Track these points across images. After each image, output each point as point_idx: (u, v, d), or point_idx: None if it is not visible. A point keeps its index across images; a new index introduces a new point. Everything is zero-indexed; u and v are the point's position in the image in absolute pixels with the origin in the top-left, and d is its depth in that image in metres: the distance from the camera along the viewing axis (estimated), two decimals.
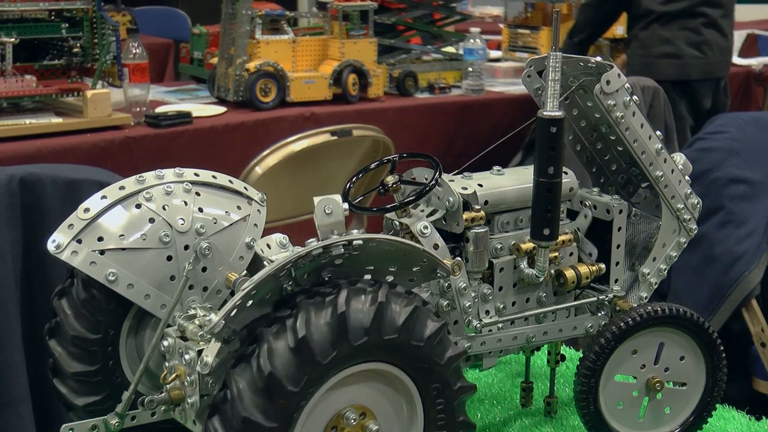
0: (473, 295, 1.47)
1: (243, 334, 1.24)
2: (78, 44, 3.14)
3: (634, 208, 1.64)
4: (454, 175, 1.52)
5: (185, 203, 1.45)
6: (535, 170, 1.40)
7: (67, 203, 2.10)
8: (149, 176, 1.46)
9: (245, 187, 1.54)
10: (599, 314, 1.60)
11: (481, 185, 1.49)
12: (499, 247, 1.50)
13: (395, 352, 1.22)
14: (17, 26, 3.06)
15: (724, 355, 1.56)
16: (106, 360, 1.42)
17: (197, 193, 1.47)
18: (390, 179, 1.44)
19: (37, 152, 2.91)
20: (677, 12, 4.15)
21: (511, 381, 1.84)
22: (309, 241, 1.26)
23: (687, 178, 1.61)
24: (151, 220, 1.42)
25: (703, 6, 4.17)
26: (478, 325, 1.48)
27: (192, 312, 1.39)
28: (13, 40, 3.00)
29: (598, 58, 1.51)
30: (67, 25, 3.13)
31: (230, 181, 1.53)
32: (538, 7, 4.96)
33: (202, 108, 3.59)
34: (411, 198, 1.43)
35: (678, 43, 4.14)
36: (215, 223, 1.45)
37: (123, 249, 1.39)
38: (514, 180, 1.52)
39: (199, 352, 1.29)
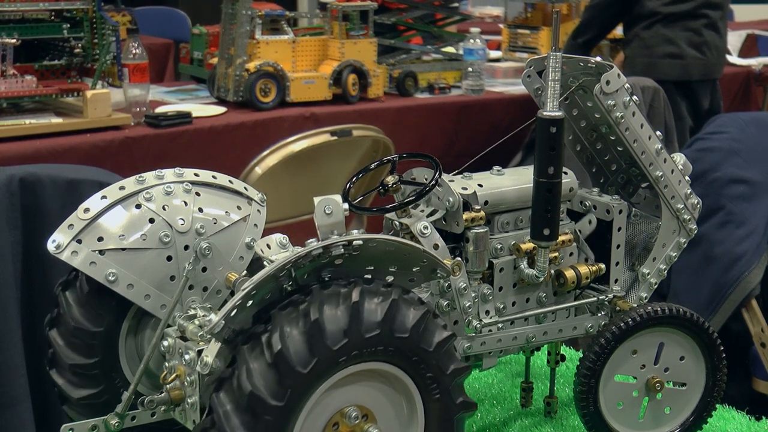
0: (473, 295, 1.47)
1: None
2: (78, 44, 3.14)
3: (634, 208, 1.64)
4: (454, 175, 1.52)
5: (185, 203, 1.45)
6: (535, 170, 1.40)
7: (67, 203, 2.10)
8: (149, 176, 1.46)
9: (245, 187, 1.54)
10: (599, 314, 1.60)
11: (481, 185, 1.49)
12: (499, 247, 1.50)
13: (381, 348, 1.20)
14: (18, 27, 3.06)
15: (724, 355, 1.56)
16: (104, 354, 1.42)
17: (197, 193, 1.47)
18: (390, 179, 1.44)
19: (37, 152, 2.90)
20: (681, 13, 4.16)
21: (511, 381, 1.84)
22: (309, 241, 1.25)
23: (687, 178, 1.60)
24: (151, 221, 1.42)
25: (705, 8, 4.19)
26: (478, 326, 1.48)
27: (192, 312, 1.39)
28: (14, 41, 3.00)
29: (598, 58, 1.51)
30: (68, 25, 3.12)
31: (230, 181, 1.53)
32: (538, 7, 4.96)
33: (202, 108, 3.59)
34: (411, 198, 1.43)
35: (680, 44, 4.15)
36: (215, 223, 1.45)
37: (123, 249, 1.39)
38: (514, 180, 1.52)
39: (199, 352, 1.29)
